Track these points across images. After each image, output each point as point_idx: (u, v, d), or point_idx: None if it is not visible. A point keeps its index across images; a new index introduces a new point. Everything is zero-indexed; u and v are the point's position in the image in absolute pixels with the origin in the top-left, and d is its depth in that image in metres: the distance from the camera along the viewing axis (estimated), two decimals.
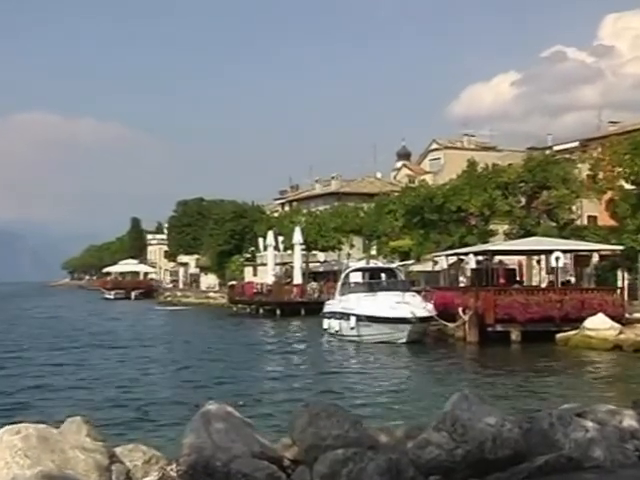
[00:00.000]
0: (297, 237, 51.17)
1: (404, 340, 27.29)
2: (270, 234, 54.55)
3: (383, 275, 33.86)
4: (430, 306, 29.43)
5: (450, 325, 28.32)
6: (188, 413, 6.12)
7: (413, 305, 28.06)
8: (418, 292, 33.26)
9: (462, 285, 33.94)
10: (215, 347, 28.12)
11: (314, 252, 58.12)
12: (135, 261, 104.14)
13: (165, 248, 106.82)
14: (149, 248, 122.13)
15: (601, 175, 33.61)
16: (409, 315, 26.94)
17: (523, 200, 37.72)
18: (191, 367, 21.69)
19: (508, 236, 37.35)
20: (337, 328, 31.16)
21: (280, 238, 56.47)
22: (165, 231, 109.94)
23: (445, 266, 34.49)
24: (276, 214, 74.27)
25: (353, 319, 29.39)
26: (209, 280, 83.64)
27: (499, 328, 27.00)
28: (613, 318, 25.49)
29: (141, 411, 14.20)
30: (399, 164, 78.52)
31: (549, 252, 30.43)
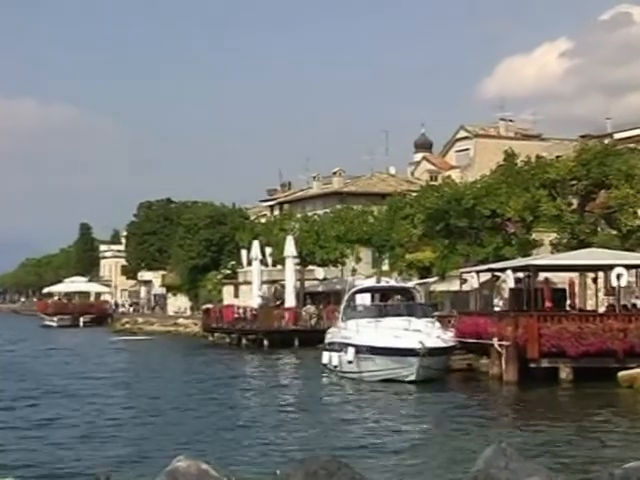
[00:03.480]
0: (289, 248, 51.13)
1: (413, 377, 27.24)
2: (255, 245, 54.53)
3: (397, 297, 33.85)
4: (449, 335, 29.37)
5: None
6: (150, 472, 6.07)
7: (425, 333, 28.02)
8: (442, 317, 33.25)
9: (498, 309, 33.85)
10: (185, 389, 28.01)
11: (311, 267, 58.07)
12: (84, 279, 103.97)
13: (123, 262, 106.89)
14: (102, 262, 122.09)
15: None
16: (417, 346, 26.87)
17: (575, 202, 37.68)
18: (155, 416, 21.57)
19: (556, 247, 37.29)
20: (336, 362, 31.20)
21: (268, 250, 56.41)
22: (123, 241, 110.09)
23: (476, 285, 34.40)
24: (263, 219, 74.30)
25: (351, 351, 29.42)
26: (178, 302, 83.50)
27: (545, 364, 26.93)
28: None
29: (90, 472, 14.12)
30: (418, 156, 78.55)
31: (608, 268, 30.34)
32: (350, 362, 29.59)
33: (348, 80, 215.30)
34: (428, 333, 28.23)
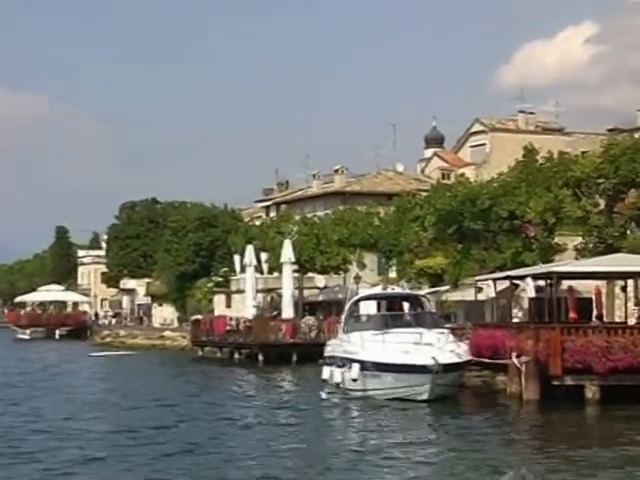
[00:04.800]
0: (287, 254, 51.05)
1: (425, 396, 27.23)
2: (250, 249, 54.46)
3: (406, 306, 33.78)
4: (463, 348, 29.34)
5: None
6: None
7: (437, 347, 28.00)
8: (455, 330, 33.15)
9: (516, 321, 33.79)
10: (170, 414, 27.27)
11: (310, 274, 58.01)
12: (61, 287, 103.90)
13: (103, 269, 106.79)
14: (80, 269, 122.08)
15: None
16: (430, 361, 26.86)
17: (602, 202, 37.64)
18: (135, 448, 21.15)
19: (581, 252, 37.24)
20: (338, 379, 31.06)
21: (264, 255, 56.34)
22: (103, 245, 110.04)
23: (492, 294, 34.33)
24: (258, 222, 74.27)
25: (356, 367, 29.34)
26: (164, 313, 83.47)
27: (569, 382, 26.85)
28: None
29: None
30: (428, 152, 78.58)
31: (639, 275, 30.26)
32: (355, 380, 29.49)
33: (351, 69, 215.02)
34: (441, 347, 28.18)
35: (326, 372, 32.92)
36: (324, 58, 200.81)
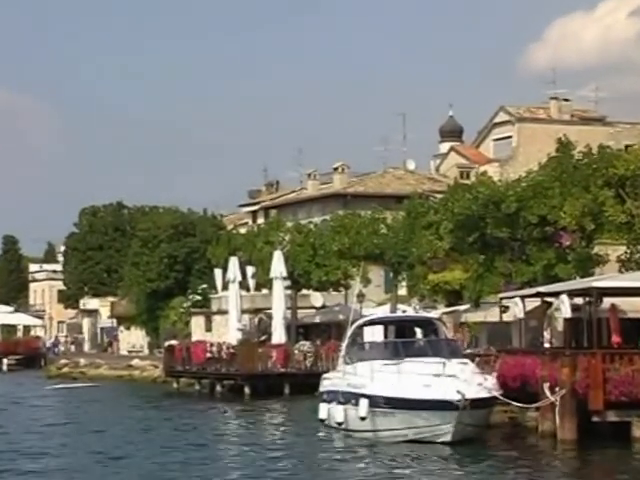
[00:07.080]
0: (278, 267, 51.07)
1: (448, 438, 27.23)
2: (233, 262, 54.47)
3: (418, 331, 33.74)
4: (491, 381, 29.30)
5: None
6: None
7: (462, 379, 27.99)
8: (477, 357, 33.12)
9: (549, 346, 33.78)
10: (135, 468, 26.29)
11: (306, 292, 58.02)
12: (10, 308, 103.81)
13: (60, 286, 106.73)
14: (33, 286, 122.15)
15: None
16: (455, 396, 26.84)
17: None
18: None
19: (625, 265, 37.25)
20: (340, 419, 30.98)
21: (250, 269, 56.32)
22: (60, 258, 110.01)
23: (521, 314, 34.33)
24: (243, 230, 74.24)
25: (364, 403, 29.24)
26: (132, 338, 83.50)
27: (612, 417, 26.87)
28: None
29: None
30: (444, 147, 78.69)
31: None
32: (363, 418, 29.40)
33: (351, 49, 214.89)
34: (467, 379, 28.09)
35: (323, 411, 32.66)
36: (321, 40, 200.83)
